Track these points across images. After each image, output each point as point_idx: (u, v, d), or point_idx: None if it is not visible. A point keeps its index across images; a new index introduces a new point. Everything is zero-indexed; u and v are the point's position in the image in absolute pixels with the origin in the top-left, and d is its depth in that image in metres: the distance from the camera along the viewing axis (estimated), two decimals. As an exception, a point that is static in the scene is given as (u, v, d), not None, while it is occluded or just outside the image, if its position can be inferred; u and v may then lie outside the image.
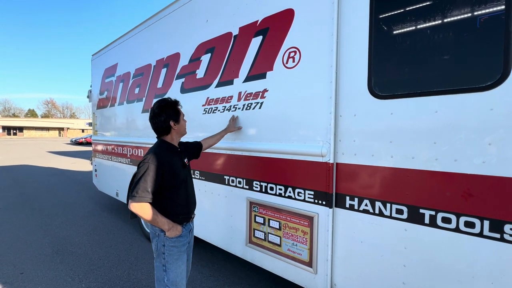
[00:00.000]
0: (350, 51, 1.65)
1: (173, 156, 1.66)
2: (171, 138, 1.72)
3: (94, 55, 5.14)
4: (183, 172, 1.68)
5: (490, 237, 1.22)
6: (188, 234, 1.73)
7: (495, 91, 1.20)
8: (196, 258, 3.17)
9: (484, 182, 1.23)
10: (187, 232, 1.70)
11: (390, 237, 1.52)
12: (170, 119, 1.66)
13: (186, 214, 1.70)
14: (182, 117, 1.75)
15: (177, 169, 1.63)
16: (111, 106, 4.51)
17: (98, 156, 5.08)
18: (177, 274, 1.62)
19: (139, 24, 3.70)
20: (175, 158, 1.66)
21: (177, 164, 1.65)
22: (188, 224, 1.72)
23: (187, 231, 1.71)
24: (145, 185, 1.49)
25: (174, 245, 1.62)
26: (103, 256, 3.24)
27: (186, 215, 1.71)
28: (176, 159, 1.66)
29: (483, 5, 1.26)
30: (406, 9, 1.51)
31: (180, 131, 1.75)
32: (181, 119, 1.72)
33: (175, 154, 1.69)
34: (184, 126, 1.77)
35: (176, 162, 1.65)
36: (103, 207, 5.35)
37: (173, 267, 1.61)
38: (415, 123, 1.42)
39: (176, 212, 1.64)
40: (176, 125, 1.69)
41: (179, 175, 1.63)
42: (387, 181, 1.52)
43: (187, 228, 1.71)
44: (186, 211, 1.70)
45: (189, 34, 2.82)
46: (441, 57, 1.41)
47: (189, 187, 1.75)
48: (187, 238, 1.70)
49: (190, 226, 1.75)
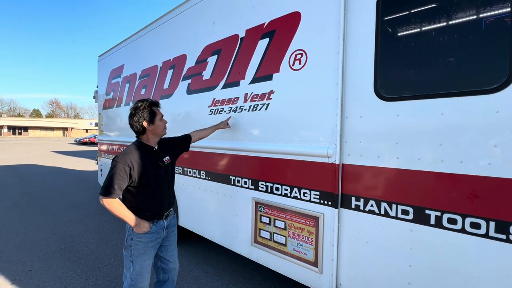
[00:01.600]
0: (356, 54, 1.67)
1: (146, 156, 1.71)
2: (147, 138, 1.76)
3: (100, 56, 5.21)
4: (154, 172, 1.72)
5: (495, 238, 1.24)
6: (162, 231, 1.78)
7: (500, 94, 1.22)
8: (201, 258, 3.20)
9: (490, 184, 1.24)
10: (158, 229, 1.76)
11: (395, 238, 1.53)
12: (143, 120, 1.70)
13: (156, 212, 1.75)
14: (160, 118, 1.76)
15: (147, 169, 1.67)
16: (117, 107, 4.56)
17: (104, 156, 5.14)
18: (142, 266, 1.71)
19: (145, 26, 3.75)
20: (147, 158, 1.71)
21: (148, 164, 1.69)
22: (160, 221, 1.77)
23: (159, 228, 1.76)
24: (112, 182, 1.59)
25: (140, 240, 1.69)
26: (109, 255, 3.28)
27: (156, 213, 1.75)
28: (148, 159, 1.71)
29: (489, 8, 1.28)
30: (411, 11, 1.53)
31: (156, 132, 1.76)
32: (156, 120, 1.74)
33: (149, 154, 1.73)
34: (161, 127, 1.77)
35: (148, 162, 1.69)
36: (108, 206, 5.40)
37: (138, 260, 1.70)
38: (421, 124, 1.43)
39: (144, 208, 1.70)
40: (150, 126, 1.72)
41: (148, 175, 1.67)
42: (392, 182, 1.54)
43: (159, 226, 1.76)
44: (156, 209, 1.75)
45: (195, 36, 2.86)
46: (447, 59, 1.42)
47: (163, 186, 1.78)
48: (158, 235, 1.76)
49: (162, 224, 1.78)
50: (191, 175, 2.94)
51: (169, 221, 1.86)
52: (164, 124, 1.81)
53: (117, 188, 1.60)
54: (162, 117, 1.79)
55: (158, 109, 1.78)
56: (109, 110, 4.88)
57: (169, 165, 1.86)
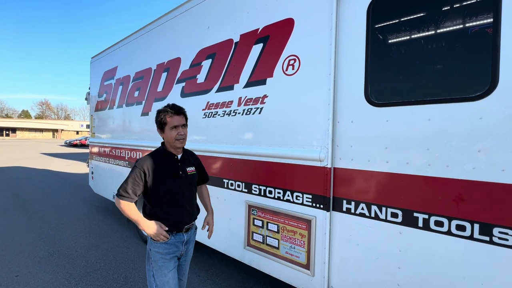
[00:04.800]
0: (347, 60, 1.71)
1: (165, 163, 1.62)
2: (167, 145, 1.68)
3: (93, 58, 5.16)
4: (172, 181, 1.61)
5: (480, 240, 1.28)
6: (181, 245, 1.67)
7: (484, 101, 1.27)
8: (193, 261, 3.18)
9: (474, 187, 1.29)
10: (177, 242, 1.65)
11: (385, 240, 1.57)
12: (157, 127, 1.66)
13: (174, 224, 1.63)
14: (170, 127, 1.60)
15: (163, 177, 1.59)
16: (109, 109, 4.52)
17: (95, 159, 5.07)
18: (163, 282, 1.60)
19: (140, 29, 3.74)
20: (166, 165, 1.62)
21: (165, 172, 1.60)
22: (179, 234, 1.66)
23: (178, 241, 1.65)
24: (126, 186, 1.55)
25: (158, 251, 1.61)
26: (99, 259, 3.23)
27: (175, 225, 1.64)
28: (167, 167, 1.62)
29: (473, 20, 1.34)
30: (400, 20, 1.59)
31: (167, 141, 1.65)
32: (166, 129, 1.61)
33: (169, 161, 1.64)
34: (170, 136, 1.60)
35: (165, 169, 1.61)
36: (99, 209, 5.32)
37: (158, 274, 1.61)
38: (409, 130, 1.48)
39: (162, 218, 1.61)
40: (161, 134, 1.65)
41: (163, 184, 1.58)
42: (382, 185, 1.58)
43: (178, 238, 1.65)
44: (174, 220, 1.63)
45: (190, 40, 2.87)
46: (434, 67, 1.48)
47: (184, 197, 1.66)
48: (176, 248, 1.65)
49: (182, 238, 1.67)
50: (184, 178, 2.93)
51: (190, 236, 1.73)
52: (177, 134, 1.60)
53: (131, 192, 1.54)
54: (175, 127, 1.60)
55: (172, 117, 1.60)
56: (102, 112, 4.83)
57: (193, 177, 1.75)
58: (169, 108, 1.63)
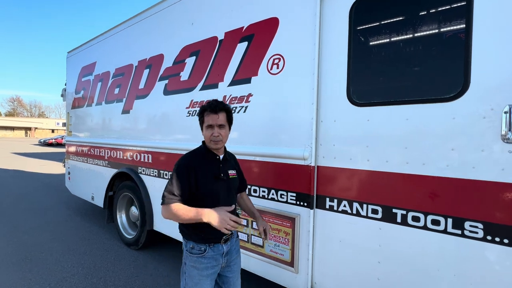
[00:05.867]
0: (331, 60, 1.75)
1: (207, 161, 1.48)
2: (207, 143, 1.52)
3: (70, 52, 4.92)
4: (213, 183, 1.45)
5: (453, 233, 1.35)
6: (220, 257, 1.47)
7: (456, 102, 1.34)
8: (178, 263, 3.12)
9: (448, 184, 1.36)
10: (216, 255, 1.45)
11: (366, 236, 1.62)
12: (200, 124, 1.52)
13: (212, 233, 1.42)
14: (205, 126, 1.47)
15: (204, 178, 1.43)
16: (87, 106, 4.33)
17: (72, 158, 4.84)
18: None
19: (121, 23, 3.61)
20: (207, 165, 1.47)
21: (207, 173, 1.45)
22: (218, 245, 1.46)
23: (217, 253, 1.45)
24: (171, 188, 1.38)
25: (194, 266, 1.43)
26: (76, 264, 3.08)
27: (213, 235, 1.43)
28: (208, 167, 1.47)
29: (448, 25, 1.41)
30: (381, 23, 1.64)
31: (205, 141, 1.52)
32: (203, 127, 1.49)
33: (210, 160, 1.49)
34: (206, 136, 1.48)
35: (206, 170, 1.45)
36: (77, 211, 5.08)
37: None
38: (389, 129, 1.54)
39: (198, 226, 1.41)
40: (202, 132, 1.51)
41: (204, 186, 1.43)
42: (364, 183, 1.63)
43: (216, 251, 1.45)
44: (211, 229, 1.39)
45: (173, 36, 2.81)
46: (412, 69, 1.55)
47: (221, 203, 1.46)
48: (215, 262, 1.45)
49: (221, 249, 1.47)
50: (167, 177, 2.87)
51: (230, 247, 1.53)
52: (210, 135, 1.45)
53: (177, 194, 1.37)
54: (209, 126, 1.46)
55: (209, 115, 1.46)
56: (79, 110, 4.61)
57: (234, 181, 1.57)
58: (207, 104, 1.48)
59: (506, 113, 1.22)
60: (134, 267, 3.02)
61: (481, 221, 1.28)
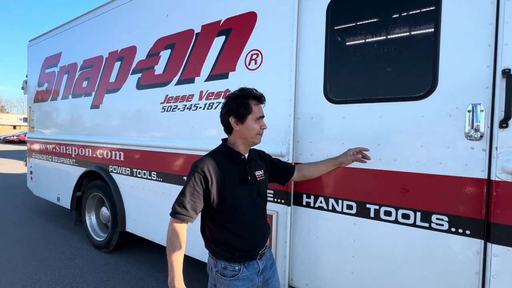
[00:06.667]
0: (308, 57, 1.75)
1: (231, 165, 1.26)
2: (233, 141, 1.30)
3: (32, 41, 4.51)
4: (241, 190, 1.25)
5: (421, 226, 1.42)
6: (256, 277, 1.27)
7: (425, 101, 1.40)
8: (151, 265, 3.00)
9: (417, 179, 1.42)
10: (251, 275, 1.25)
11: (341, 231, 1.65)
12: (232, 115, 1.25)
13: (247, 251, 1.25)
14: (255, 118, 1.25)
15: (231, 183, 1.23)
16: (52, 100, 4.01)
17: (35, 156, 4.46)
18: None
19: (90, 11, 3.37)
20: (233, 168, 1.26)
21: (233, 177, 1.25)
22: (253, 263, 1.26)
23: (252, 273, 1.25)
24: (183, 198, 1.18)
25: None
26: (39, 270, 2.85)
27: (248, 252, 1.25)
28: (234, 170, 1.26)
29: (418, 28, 1.47)
30: (356, 23, 1.67)
31: (245, 136, 1.27)
32: (249, 119, 1.24)
33: (234, 162, 1.28)
34: (253, 130, 1.26)
35: (232, 173, 1.25)
36: (40, 214, 4.71)
37: None
38: (363, 126, 1.57)
39: (231, 245, 1.22)
40: (238, 125, 1.25)
41: (231, 193, 1.23)
42: (339, 179, 1.65)
43: (251, 269, 1.25)
44: (247, 246, 1.24)
45: (147, 28, 2.67)
46: (384, 68, 1.60)
47: (255, 212, 1.30)
48: (251, 282, 1.25)
49: (257, 267, 1.27)
50: (140, 176, 2.73)
51: (265, 262, 1.33)
52: (259, 128, 1.28)
53: (190, 207, 1.18)
54: (259, 118, 1.28)
55: (257, 104, 1.28)
56: (43, 104, 4.26)
57: (262, 183, 1.36)
58: (250, 92, 1.26)
59: (469, 111, 1.29)
60: (104, 271, 2.85)
61: (446, 214, 1.35)
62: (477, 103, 1.28)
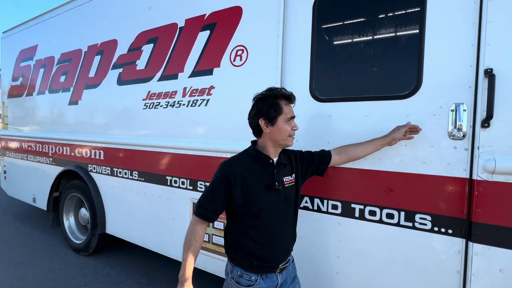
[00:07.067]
0: (294, 54, 1.71)
1: (258, 169, 1.21)
2: (263, 144, 1.24)
3: (5, 33, 4.26)
4: (266, 196, 1.20)
5: (405, 226, 1.41)
6: None
7: (410, 100, 1.39)
8: (133, 268, 2.89)
9: (401, 178, 1.41)
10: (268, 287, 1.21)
11: (326, 231, 1.62)
12: (261, 116, 1.20)
13: (265, 261, 1.20)
14: (286, 119, 1.19)
15: (256, 188, 1.18)
16: (28, 95, 3.79)
17: (9, 155, 4.22)
18: None
19: (68, 1, 3.19)
20: (260, 172, 1.21)
21: (259, 182, 1.19)
22: (272, 275, 1.21)
23: (269, 285, 1.21)
24: (206, 198, 1.20)
25: None
26: (10, 276, 2.68)
27: (266, 263, 1.20)
28: (261, 175, 1.21)
29: (403, 28, 1.46)
30: (343, 22, 1.65)
31: (275, 138, 1.21)
32: (280, 120, 1.18)
33: (262, 167, 1.22)
34: (284, 132, 1.20)
35: (259, 178, 1.20)
36: (15, 215, 4.46)
37: None
38: (349, 125, 1.55)
39: (250, 252, 1.19)
40: (268, 127, 1.19)
41: (255, 200, 1.18)
42: (325, 178, 1.62)
43: (268, 282, 1.20)
44: (266, 256, 1.20)
45: (129, 21, 2.56)
46: (370, 67, 1.58)
47: (280, 221, 1.24)
48: None
49: (274, 280, 1.22)
50: (121, 176, 2.62)
51: (285, 276, 1.27)
52: (291, 129, 1.22)
53: (211, 207, 1.17)
54: (290, 119, 1.22)
55: (287, 104, 1.22)
56: (18, 99, 4.02)
57: (291, 191, 1.28)
58: (279, 92, 1.21)
59: (452, 111, 1.29)
60: (83, 275, 2.72)
61: (429, 214, 1.35)
62: (460, 103, 1.28)
